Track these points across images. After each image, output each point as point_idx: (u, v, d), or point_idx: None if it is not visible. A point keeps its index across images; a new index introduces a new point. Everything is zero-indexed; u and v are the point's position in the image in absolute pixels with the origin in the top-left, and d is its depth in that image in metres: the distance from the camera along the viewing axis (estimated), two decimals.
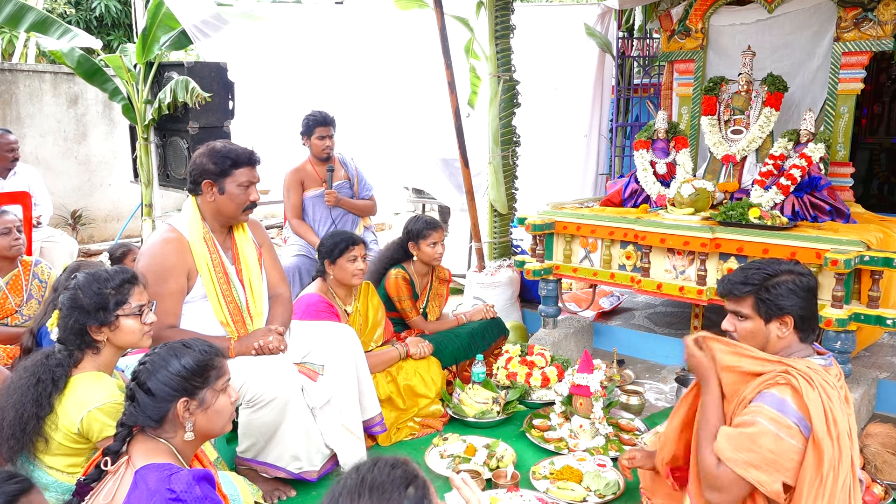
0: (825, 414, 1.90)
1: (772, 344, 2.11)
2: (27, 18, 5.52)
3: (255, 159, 2.85)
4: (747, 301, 2.13)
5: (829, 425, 1.89)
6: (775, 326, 2.10)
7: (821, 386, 1.93)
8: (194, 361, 1.92)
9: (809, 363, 2.03)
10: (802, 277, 2.12)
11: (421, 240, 3.82)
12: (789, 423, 1.91)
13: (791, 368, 1.98)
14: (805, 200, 3.90)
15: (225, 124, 5.46)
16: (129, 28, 11.20)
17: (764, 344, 2.12)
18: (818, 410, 1.89)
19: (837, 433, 1.90)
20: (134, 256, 3.89)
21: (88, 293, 2.21)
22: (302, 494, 2.87)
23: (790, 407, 1.92)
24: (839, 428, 1.90)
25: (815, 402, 1.90)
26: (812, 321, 2.11)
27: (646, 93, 6.40)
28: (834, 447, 1.88)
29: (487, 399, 3.51)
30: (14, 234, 3.45)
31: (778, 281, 2.10)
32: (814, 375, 1.96)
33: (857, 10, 4.12)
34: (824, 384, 1.95)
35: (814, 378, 1.94)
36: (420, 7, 5.68)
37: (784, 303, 2.08)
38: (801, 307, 2.08)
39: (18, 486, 1.49)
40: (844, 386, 2.09)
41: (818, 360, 2.07)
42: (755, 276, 2.13)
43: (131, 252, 3.90)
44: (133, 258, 3.87)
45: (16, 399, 2.10)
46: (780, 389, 1.95)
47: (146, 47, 5.61)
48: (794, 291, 2.08)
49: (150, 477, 1.73)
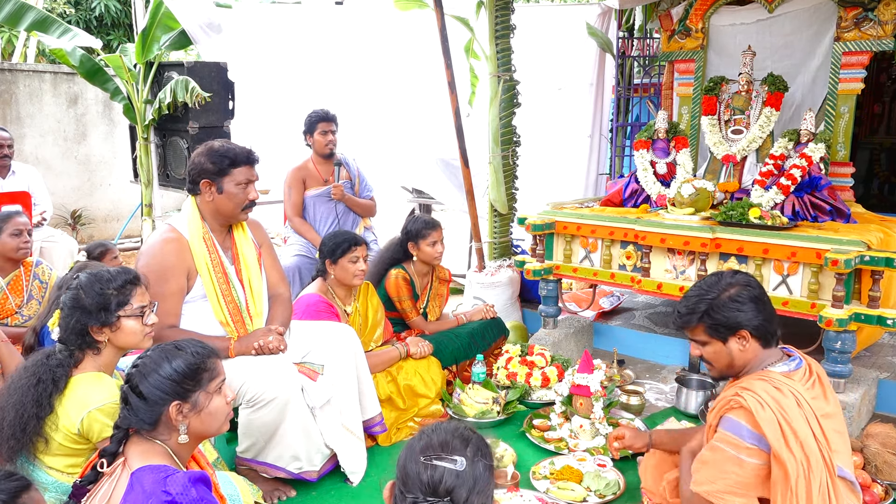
0: (780, 429, 1.92)
1: (737, 359, 2.14)
2: (27, 18, 5.52)
3: (253, 158, 2.85)
4: (699, 328, 2.18)
5: (787, 438, 1.91)
6: (734, 343, 2.13)
7: (774, 400, 1.96)
8: (185, 364, 1.90)
9: (765, 375, 2.05)
10: (745, 289, 2.14)
11: (420, 240, 3.82)
12: (747, 445, 1.95)
13: (742, 391, 2.02)
14: (805, 200, 3.90)
15: (225, 124, 5.45)
16: (129, 28, 11.20)
17: (731, 361, 2.15)
18: (772, 428, 1.92)
19: (799, 442, 1.92)
20: (113, 255, 3.89)
21: (90, 293, 2.21)
22: (302, 494, 2.87)
23: (745, 429, 1.96)
24: (800, 437, 1.92)
25: (767, 421, 1.93)
26: (769, 326, 2.12)
27: (646, 93, 6.40)
28: (796, 458, 1.90)
29: (487, 399, 3.51)
30: (24, 236, 3.46)
31: (721, 301, 2.13)
32: (763, 394, 1.98)
33: (858, 9, 4.12)
34: (778, 397, 1.97)
35: (763, 396, 1.97)
36: (420, 7, 5.68)
37: (733, 320, 2.11)
38: (751, 318, 2.10)
39: (19, 484, 1.49)
40: (820, 378, 2.11)
41: (780, 367, 2.09)
42: (699, 304, 2.16)
43: (109, 251, 3.89)
44: (112, 257, 3.86)
45: (16, 399, 2.10)
46: (736, 413, 2.00)
47: (146, 47, 5.61)
48: (738, 306, 2.11)
49: (145, 479, 1.72)
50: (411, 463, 1.40)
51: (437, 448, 1.41)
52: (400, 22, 6.16)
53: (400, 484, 1.41)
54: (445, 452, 1.39)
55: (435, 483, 1.36)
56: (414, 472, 1.38)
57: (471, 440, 1.44)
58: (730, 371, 2.19)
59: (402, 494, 1.39)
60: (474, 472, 1.39)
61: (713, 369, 2.23)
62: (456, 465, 1.37)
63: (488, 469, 1.43)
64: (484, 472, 1.41)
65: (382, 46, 6.34)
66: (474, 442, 1.44)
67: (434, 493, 1.36)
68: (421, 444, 1.43)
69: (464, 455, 1.39)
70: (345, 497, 2.86)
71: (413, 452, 1.42)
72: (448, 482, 1.36)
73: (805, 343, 3.65)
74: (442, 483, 1.36)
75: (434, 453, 1.39)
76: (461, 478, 1.37)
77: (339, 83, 6.30)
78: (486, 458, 1.43)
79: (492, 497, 1.43)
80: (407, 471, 1.40)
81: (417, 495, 1.36)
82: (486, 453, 1.44)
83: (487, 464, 1.43)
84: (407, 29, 6.16)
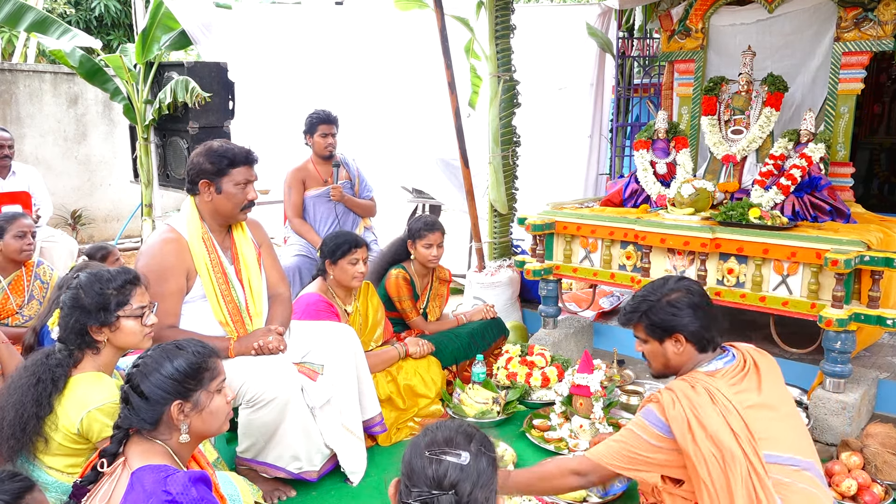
0: (688, 424, 2.04)
1: (672, 360, 2.27)
2: (26, 18, 5.53)
3: (252, 158, 2.85)
4: (640, 327, 2.32)
5: (695, 433, 2.03)
6: (670, 345, 2.25)
7: (686, 398, 2.09)
8: (187, 364, 1.90)
9: (689, 376, 2.18)
10: (685, 295, 2.25)
11: (418, 240, 3.81)
12: (655, 432, 2.12)
13: (664, 389, 2.18)
14: (805, 200, 3.90)
15: (225, 124, 5.46)
16: (129, 28, 11.20)
17: (666, 361, 2.29)
18: (679, 424, 2.06)
19: (710, 436, 2.02)
20: (115, 258, 3.88)
21: (90, 293, 2.21)
22: (302, 494, 2.87)
23: (654, 415, 2.13)
24: (710, 431, 2.02)
25: (674, 417, 2.07)
26: (705, 333, 2.22)
27: (646, 93, 6.40)
28: (703, 451, 2.00)
29: (487, 399, 3.51)
30: (28, 238, 3.47)
31: (660, 305, 2.26)
32: (678, 392, 2.11)
33: (858, 10, 4.11)
34: (691, 395, 2.09)
35: (678, 394, 2.11)
36: (420, 7, 5.68)
37: (670, 324, 2.23)
38: (688, 324, 2.21)
39: (22, 485, 1.49)
40: (759, 368, 2.18)
41: (705, 367, 2.20)
42: (641, 304, 2.30)
43: (111, 254, 3.88)
44: (113, 259, 3.85)
45: (16, 398, 2.10)
46: (652, 406, 2.16)
47: (146, 47, 5.61)
48: (676, 312, 2.24)
49: (146, 479, 1.72)
50: (416, 458, 1.43)
51: (442, 443, 1.44)
52: (400, 22, 6.16)
53: (405, 479, 1.44)
54: (450, 447, 1.43)
55: (440, 477, 1.39)
56: (419, 466, 1.42)
57: (474, 436, 1.48)
58: (666, 370, 2.33)
59: (407, 489, 1.42)
60: (478, 467, 1.42)
61: (651, 367, 2.37)
62: (460, 460, 1.41)
63: (492, 464, 1.46)
64: (487, 467, 1.44)
65: (382, 46, 6.33)
66: (478, 438, 1.48)
67: (439, 487, 1.39)
68: (426, 439, 1.47)
69: (467, 450, 1.43)
70: (345, 497, 2.86)
71: (418, 448, 1.45)
72: (453, 476, 1.39)
73: (805, 343, 3.66)
74: (447, 477, 1.39)
75: (439, 448, 1.43)
76: (465, 472, 1.40)
77: (339, 83, 6.30)
78: (489, 453, 1.46)
79: (495, 492, 1.45)
80: (412, 466, 1.43)
81: (423, 489, 1.39)
82: (489, 448, 1.48)
83: (491, 458, 1.46)
84: (407, 29, 6.16)
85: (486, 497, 1.41)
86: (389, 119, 6.31)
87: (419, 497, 1.39)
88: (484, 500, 1.40)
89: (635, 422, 2.19)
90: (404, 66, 6.26)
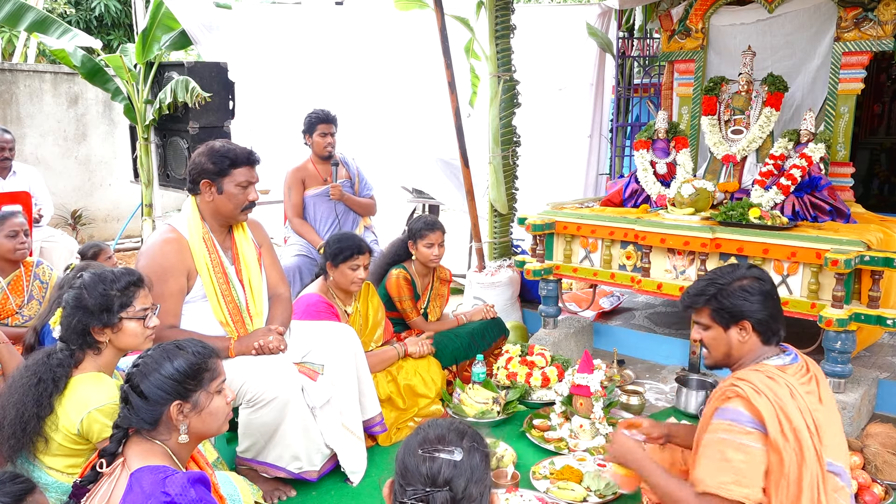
0: (776, 415, 1.94)
1: (735, 349, 2.17)
2: (26, 18, 5.52)
3: (253, 159, 2.85)
4: (705, 311, 2.20)
5: (783, 425, 1.93)
6: (735, 332, 2.15)
7: (769, 388, 1.98)
8: (187, 364, 1.90)
9: (760, 367, 2.08)
10: (756, 282, 2.16)
11: (419, 240, 3.81)
12: (747, 430, 1.96)
13: (737, 381, 2.04)
14: (805, 200, 3.90)
15: (225, 124, 5.46)
16: (129, 28, 11.20)
17: (728, 350, 2.18)
18: (769, 413, 1.94)
19: (794, 429, 1.93)
20: (107, 255, 3.88)
21: (93, 293, 2.20)
22: (302, 494, 2.87)
23: (744, 414, 1.97)
24: (794, 425, 1.93)
25: (764, 406, 1.95)
26: (772, 323, 2.14)
27: (646, 93, 6.40)
28: (790, 445, 1.92)
29: (487, 399, 3.51)
30: (21, 237, 3.45)
31: (731, 289, 2.15)
32: (758, 383, 1.99)
33: (858, 10, 4.12)
34: (773, 386, 1.98)
35: (759, 385, 1.99)
36: (420, 7, 5.68)
37: (738, 309, 2.13)
38: (756, 311, 2.12)
39: (23, 486, 1.49)
40: (817, 377, 2.12)
41: (775, 361, 2.11)
42: (709, 287, 2.19)
43: (103, 252, 3.88)
44: (106, 257, 3.85)
45: (17, 398, 2.10)
46: (733, 402, 2.01)
47: (146, 47, 5.61)
48: (747, 297, 2.13)
49: (144, 479, 1.72)
50: (410, 457, 1.44)
51: (434, 441, 1.45)
52: (400, 22, 6.16)
53: (399, 478, 1.45)
54: (442, 445, 1.44)
55: (434, 474, 1.40)
56: (413, 465, 1.43)
57: (466, 433, 1.48)
58: (726, 360, 2.21)
59: (402, 488, 1.42)
60: (471, 462, 1.43)
61: (709, 356, 2.26)
62: (453, 456, 1.42)
63: (484, 459, 1.47)
64: (480, 463, 1.45)
65: (382, 46, 6.34)
66: (469, 434, 1.49)
67: (433, 484, 1.39)
68: (418, 438, 1.47)
69: (459, 446, 1.44)
70: (345, 497, 2.86)
71: (411, 447, 1.46)
72: (446, 473, 1.40)
73: (805, 343, 3.66)
74: (440, 474, 1.40)
75: (431, 446, 1.44)
76: (459, 468, 1.41)
77: (339, 83, 6.30)
78: (482, 449, 1.48)
79: (489, 487, 1.46)
80: (406, 465, 1.44)
81: (417, 487, 1.40)
82: (481, 444, 1.49)
83: (484, 454, 1.47)
84: (407, 29, 6.16)
85: (481, 492, 1.42)
86: (389, 119, 6.31)
87: (414, 495, 1.40)
88: (479, 496, 1.42)
89: (716, 428, 2.01)
90: (404, 66, 6.26)
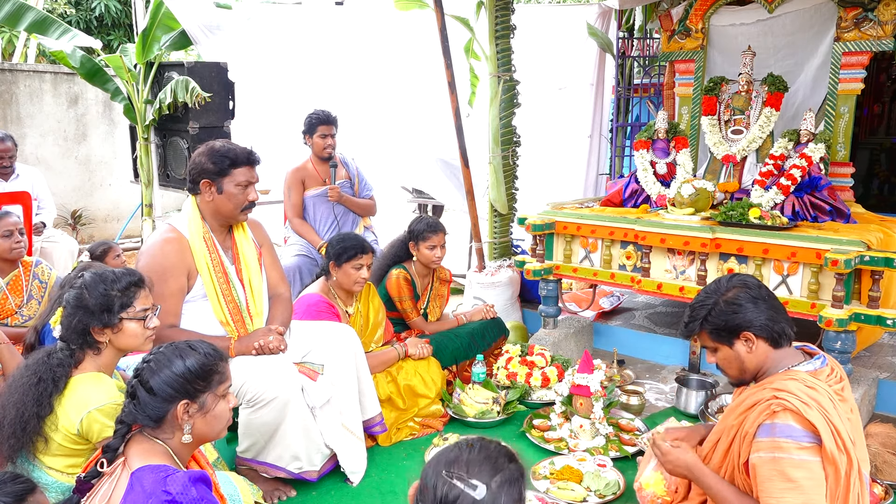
0: (829, 426, 1.87)
1: (747, 362, 2.11)
2: (26, 18, 5.52)
3: (253, 159, 2.85)
4: (704, 335, 2.17)
5: (834, 435, 1.87)
6: (740, 346, 2.10)
7: (813, 399, 1.91)
8: (199, 364, 1.91)
9: (793, 375, 2.00)
10: (742, 291, 2.11)
11: (420, 241, 3.81)
12: (802, 444, 1.88)
13: (778, 393, 1.96)
14: (805, 200, 3.90)
15: (225, 124, 5.46)
16: (129, 28, 11.20)
17: (742, 364, 2.12)
18: (822, 424, 1.87)
19: (842, 440, 1.88)
20: (115, 254, 3.88)
21: (94, 293, 2.20)
22: (302, 494, 2.87)
23: (797, 429, 1.89)
24: (843, 435, 1.88)
25: (816, 417, 1.88)
26: (773, 325, 2.08)
27: (646, 93, 6.40)
28: (843, 456, 1.87)
29: (487, 399, 3.51)
30: (16, 236, 3.44)
31: (720, 306, 2.11)
32: (801, 394, 1.92)
33: (858, 10, 4.11)
34: (816, 396, 1.91)
35: (802, 396, 1.92)
36: (420, 7, 5.68)
37: (734, 323, 2.09)
38: (752, 320, 2.07)
39: (24, 487, 1.50)
40: (844, 380, 2.07)
41: (805, 367, 2.04)
42: (700, 310, 2.16)
43: (112, 250, 3.87)
44: (114, 255, 3.85)
45: (17, 397, 2.10)
46: (782, 417, 1.92)
47: (146, 47, 5.61)
48: (737, 309, 2.09)
49: (145, 478, 1.73)
50: (433, 472, 1.34)
51: (463, 466, 1.32)
52: (400, 22, 6.16)
53: (421, 488, 1.36)
54: (469, 475, 1.30)
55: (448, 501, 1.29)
56: (432, 482, 1.32)
57: (503, 469, 1.33)
58: (744, 376, 2.14)
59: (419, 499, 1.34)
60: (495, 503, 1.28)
61: (728, 376, 2.19)
62: (475, 493, 1.28)
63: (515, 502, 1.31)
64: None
65: (382, 46, 6.34)
66: (507, 472, 1.33)
67: None
68: (450, 456, 1.35)
69: (488, 484, 1.29)
70: (345, 497, 2.86)
71: (439, 462, 1.35)
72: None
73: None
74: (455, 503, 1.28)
75: (457, 471, 1.31)
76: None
77: (339, 83, 6.31)
78: (513, 493, 1.31)
79: None
80: (426, 479, 1.34)
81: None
82: (515, 488, 1.32)
83: (514, 499, 1.31)
84: (407, 29, 6.16)
85: None
86: (389, 119, 6.31)
87: None
88: None
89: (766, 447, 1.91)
90: (404, 66, 6.26)
